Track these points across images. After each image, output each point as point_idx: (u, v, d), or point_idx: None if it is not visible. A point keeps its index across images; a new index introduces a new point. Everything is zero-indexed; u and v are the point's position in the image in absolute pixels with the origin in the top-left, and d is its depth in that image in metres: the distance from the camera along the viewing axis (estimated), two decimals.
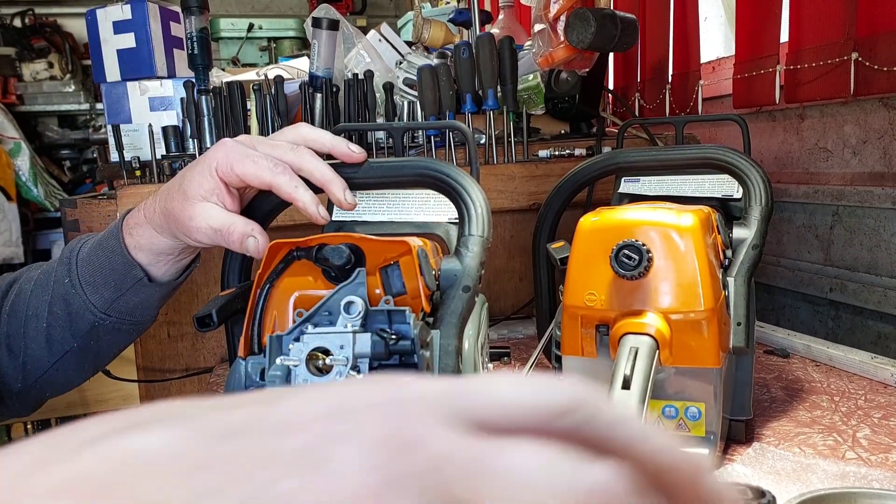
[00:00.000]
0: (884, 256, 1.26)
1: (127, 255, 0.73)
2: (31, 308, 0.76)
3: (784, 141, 1.51)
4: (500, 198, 1.33)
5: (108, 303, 0.74)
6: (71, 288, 0.74)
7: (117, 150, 1.37)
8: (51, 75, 3.99)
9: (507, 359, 1.16)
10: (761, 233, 0.81)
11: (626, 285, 0.71)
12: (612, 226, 0.73)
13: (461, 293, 0.61)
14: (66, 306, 0.74)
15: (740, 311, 0.76)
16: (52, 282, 0.75)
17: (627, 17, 1.26)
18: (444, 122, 1.34)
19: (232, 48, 4.21)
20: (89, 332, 0.75)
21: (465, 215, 0.66)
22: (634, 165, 0.93)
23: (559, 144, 1.42)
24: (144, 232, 0.72)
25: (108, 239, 0.74)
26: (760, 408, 0.91)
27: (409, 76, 1.49)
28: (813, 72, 1.31)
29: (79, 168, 4.17)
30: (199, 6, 1.32)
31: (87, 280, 0.74)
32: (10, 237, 3.45)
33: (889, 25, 1.16)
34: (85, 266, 0.74)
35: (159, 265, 0.75)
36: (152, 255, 0.74)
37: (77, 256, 0.75)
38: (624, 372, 0.65)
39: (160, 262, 0.75)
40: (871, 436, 0.82)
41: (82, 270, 0.74)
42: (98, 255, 0.74)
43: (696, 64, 1.69)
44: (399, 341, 0.52)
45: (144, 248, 0.73)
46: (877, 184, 1.27)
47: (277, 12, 4.65)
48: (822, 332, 1.38)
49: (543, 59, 1.33)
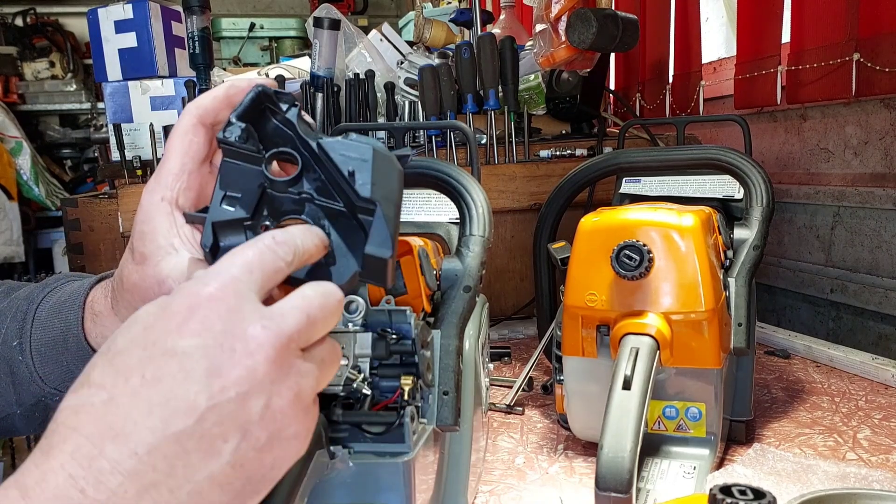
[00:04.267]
0: (885, 257, 1.26)
1: (84, 342, 0.58)
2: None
3: (785, 141, 1.51)
4: (501, 198, 1.33)
5: (59, 380, 0.60)
6: (19, 354, 0.60)
7: (118, 150, 1.37)
8: (52, 74, 3.99)
9: (507, 359, 1.16)
10: (762, 233, 0.81)
11: (626, 286, 0.71)
12: (613, 226, 0.73)
13: (462, 293, 0.61)
14: (11, 373, 0.61)
15: (741, 311, 0.76)
16: (1, 334, 0.61)
17: (629, 17, 1.26)
18: (446, 122, 1.34)
19: (233, 48, 4.21)
20: (35, 404, 0.62)
21: (465, 215, 0.66)
22: (635, 166, 0.93)
23: (560, 145, 1.42)
24: (111, 324, 0.57)
25: (70, 309, 0.60)
26: (761, 408, 0.91)
27: (410, 76, 1.49)
28: (814, 72, 1.30)
29: (80, 167, 4.17)
30: (200, 6, 1.32)
31: (37, 348, 0.60)
32: (10, 236, 3.45)
33: (891, 26, 1.15)
34: (40, 331, 0.60)
35: None
36: None
37: (35, 314, 0.61)
38: (625, 372, 0.65)
39: None
40: (871, 437, 0.82)
41: (36, 334, 0.60)
42: (55, 324, 0.60)
43: (697, 64, 1.69)
44: (400, 341, 0.52)
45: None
46: (878, 185, 1.27)
47: (279, 12, 4.64)
48: (822, 332, 1.38)
49: (545, 60, 1.33)
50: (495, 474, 0.78)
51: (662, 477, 0.72)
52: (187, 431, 0.35)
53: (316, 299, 0.40)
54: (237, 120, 0.44)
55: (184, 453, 0.35)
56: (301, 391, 0.39)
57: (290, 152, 0.44)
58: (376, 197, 0.41)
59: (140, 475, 0.35)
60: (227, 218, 0.43)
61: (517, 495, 0.73)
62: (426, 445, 0.55)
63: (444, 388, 0.56)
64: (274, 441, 0.38)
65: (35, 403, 0.61)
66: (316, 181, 0.44)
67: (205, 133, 0.49)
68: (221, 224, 0.43)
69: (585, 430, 0.80)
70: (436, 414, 0.56)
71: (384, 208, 0.42)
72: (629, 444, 0.60)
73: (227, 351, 0.37)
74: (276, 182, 0.43)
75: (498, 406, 0.95)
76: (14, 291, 0.65)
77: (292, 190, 0.44)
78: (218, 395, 0.36)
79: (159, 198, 0.49)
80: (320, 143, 0.43)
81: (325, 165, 0.43)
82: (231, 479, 0.37)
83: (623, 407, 0.62)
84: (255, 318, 0.38)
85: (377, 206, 0.41)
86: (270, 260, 0.40)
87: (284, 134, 0.44)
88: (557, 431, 0.88)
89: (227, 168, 0.44)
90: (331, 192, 0.43)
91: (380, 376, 0.53)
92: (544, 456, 0.82)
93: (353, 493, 0.52)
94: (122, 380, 0.36)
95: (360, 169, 0.42)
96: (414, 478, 0.52)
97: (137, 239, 0.50)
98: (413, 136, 1.43)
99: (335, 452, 0.50)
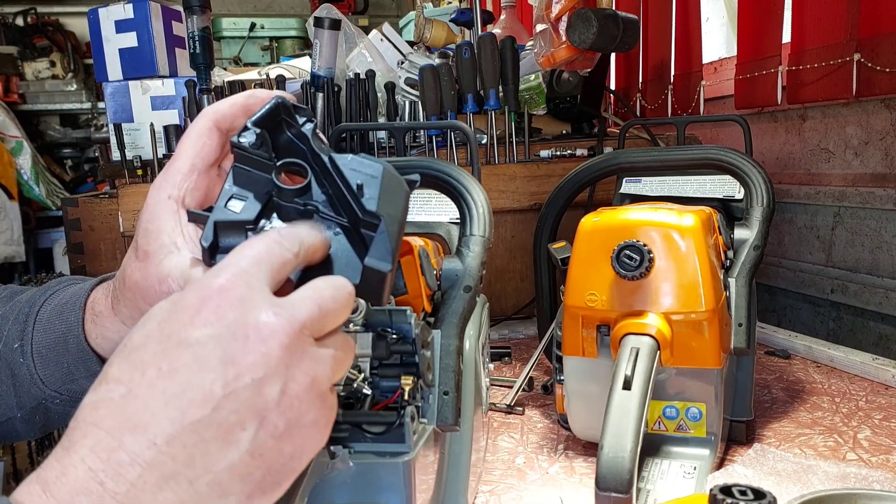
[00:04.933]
0: (885, 258, 1.26)
1: (84, 344, 0.58)
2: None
3: (786, 142, 1.51)
4: (501, 198, 1.33)
5: (59, 382, 0.60)
6: (20, 356, 0.61)
7: (119, 149, 1.37)
8: (53, 74, 3.99)
9: (507, 359, 1.16)
10: (763, 234, 0.81)
11: (627, 286, 0.71)
12: (614, 226, 0.73)
13: (462, 293, 0.61)
14: (12, 376, 0.61)
15: (741, 311, 0.76)
16: (2, 338, 0.62)
17: (629, 17, 1.26)
18: (446, 121, 1.35)
19: (234, 47, 4.21)
20: (35, 407, 0.62)
21: (466, 215, 0.66)
22: (636, 166, 0.93)
23: (560, 145, 1.42)
24: (111, 325, 0.57)
25: (71, 310, 0.60)
26: (761, 409, 0.91)
27: (410, 76, 1.49)
28: (815, 72, 1.30)
29: (80, 167, 4.18)
30: (200, 5, 1.32)
31: (38, 350, 0.60)
32: (11, 236, 3.45)
33: (892, 26, 1.15)
34: (41, 333, 0.60)
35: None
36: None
37: (36, 316, 0.61)
38: (625, 372, 0.65)
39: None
40: (871, 437, 0.82)
41: (37, 336, 0.60)
42: (56, 326, 0.60)
43: (697, 64, 1.69)
44: (400, 341, 0.52)
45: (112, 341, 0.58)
46: (878, 185, 1.27)
47: (279, 12, 4.65)
48: (823, 333, 1.38)
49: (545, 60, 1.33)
50: (495, 474, 0.78)
51: (663, 477, 0.72)
52: (204, 420, 0.36)
53: (327, 290, 0.40)
54: (253, 126, 0.44)
55: (202, 442, 0.35)
56: (317, 377, 0.39)
57: (301, 164, 0.44)
58: (381, 212, 0.42)
59: (159, 466, 0.35)
60: (230, 219, 0.44)
61: (517, 495, 0.73)
62: (426, 445, 0.55)
63: (445, 388, 0.56)
64: (293, 429, 0.38)
65: (36, 406, 0.61)
66: (323, 195, 0.44)
67: (218, 137, 0.50)
68: (224, 224, 0.44)
69: (586, 430, 0.80)
70: (436, 414, 0.56)
71: (388, 224, 0.42)
72: (629, 445, 0.60)
73: (241, 339, 0.37)
74: (284, 190, 0.44)
75: (498, 406, 0.95)
76: (16, 296, 0.65)
77: (299, 200, 0.44)
78: (233, 382, 0.36)
79: (166, 195, 0.49)
80: (332, 158, 0.44)
81: (335, 181, 0.44)
82: (251, 468, 0.37)
83: (623, 407, 0.62)
84: (267, 305, 0.38)
85: (381, 220, 0.42)
86: (278, 252, 0.40)
87: (297, 147, 0.45)
88: (558, 431, 0.88)
89: (236, 172, 0.45)
90: (337, 207, 0.44)
91: (380, 376, 0.53)
92: (544, 456, 0.82)
93: (354, 493, 0.52)
94: (138, 374, 0.37)
95: (369, 184, 0.43)
96: (414, 478, 0.52)
97: (142, 236, 0.49)
98: (413, 136, 1.43)
99: (335, 452, 0.50)
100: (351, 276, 0.43)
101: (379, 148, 1.38)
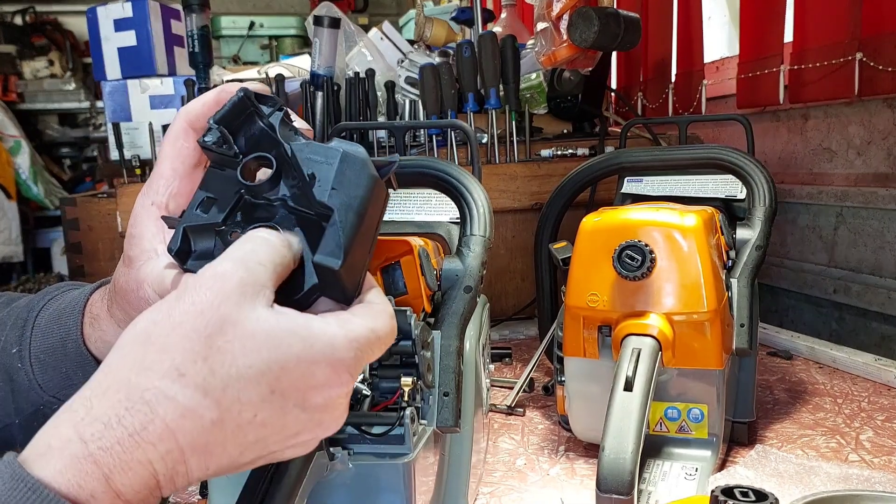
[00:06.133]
0: (888, 258, 1.25)
1: (83, 348, 0.59)
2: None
3: (788, 141, 1.51)
4: (501, 197, 1.33)
5: (57, 387, 0.60)
6: (18, 361, 0.60)
7: (117, 149, 1.37)
8: (51, 73, 3.99)
9: (508, 359, 1.16)
10: (765, 234, 0.81)
11: (628, 286, 0.71)
12: (615, 226, 0.73)
13: (463, 293, 0.60)
14: (10, 381, 0.61)
15: (743, 312, 0.76)
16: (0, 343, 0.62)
17: (631, 15, 1.26)
18: (446, 121, 1.34)
19: (233, 46, 4.21)
20: (34, 413, 0.61)
21: (466, 215, 0.66)
22: (637, 165, 0.93)
23: (561, 144, 1.41)
24: (108, 327, 0.57)
25: (70, 315, 0.60)
26: (763, 410, 0.91)
27: (410, 75, 1.49)
28: (817, 72, 1.30)
29: (79, 166, 4.18)
30: (199, 4, 1.32)
31: (37, 355, 0.60)
32: (9, 235, 3.45)
33: (894, 25, 1.15)
34: (39, 338, 0.60)
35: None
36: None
37: (35, 321, 0.61)
38: (626, 373, 0.64)
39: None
40: (874, 438, 0.81)
41: (36, 342, 0.60)
42: (54, 331, 0.60)
43: (699, 63, 1.69)
44: (400, 341, 0.52)
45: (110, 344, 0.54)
46: (881, 185, 1.26)
47: (279, 10, 4.64)
48: (825, 333, 1.38)
49: (546, 58, 1.33)
50: (496, 476, 0.77)
51: (664, 478, 0.72)
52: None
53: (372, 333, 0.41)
54: (214, 123, 0.42)
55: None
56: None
57: (264, 156, 0.42)
58: (333, 203, 0.40)
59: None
60: (199, 223, 0.42)
61: (518, 497, 0.73)
62: (426, 447, 0.55)
63: (445, 389, 0.56)
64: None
65: (34, 412, 0.61)
66: (293, 188, 0.42)
67: (195, 138, 0.49)
68: (194, 228, 0.42)
69: (587, 431, 0.80)
70: (436, 415, 0.56)
71: (341, 215, 0.40)
72: (631, 446, 0.59)
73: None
74: (251, 187, 0.42)
75: (499, 407, 0.95)
76: (14, 301, 0.65)
77: (268, 196, 0.42)
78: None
79: (149, 202, 0.49)
80: (291, 146, 0.41)
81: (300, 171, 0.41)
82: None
83: (625, 408, 0.62)
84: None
85: (333, 212, 0.40)
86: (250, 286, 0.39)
87: (269, 138, 0.43)
88: (558, 433, 0.88)
89: (209, 173, 0.43)
90: (306, 198, 0.41)
91: (380, 377, 0.53)
92: (545, 457, 0.82)
93: (353, 495, 0.52)
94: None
95: (323, 172, 0.40)
96: (414, 479, 0.52)
97: (127, 242, 0.50)
98: (413, 135, 1.43)
99: (335, 454, 0.49)
100: (313, 276, 0.40)
101: (379, 147, 1.37)
